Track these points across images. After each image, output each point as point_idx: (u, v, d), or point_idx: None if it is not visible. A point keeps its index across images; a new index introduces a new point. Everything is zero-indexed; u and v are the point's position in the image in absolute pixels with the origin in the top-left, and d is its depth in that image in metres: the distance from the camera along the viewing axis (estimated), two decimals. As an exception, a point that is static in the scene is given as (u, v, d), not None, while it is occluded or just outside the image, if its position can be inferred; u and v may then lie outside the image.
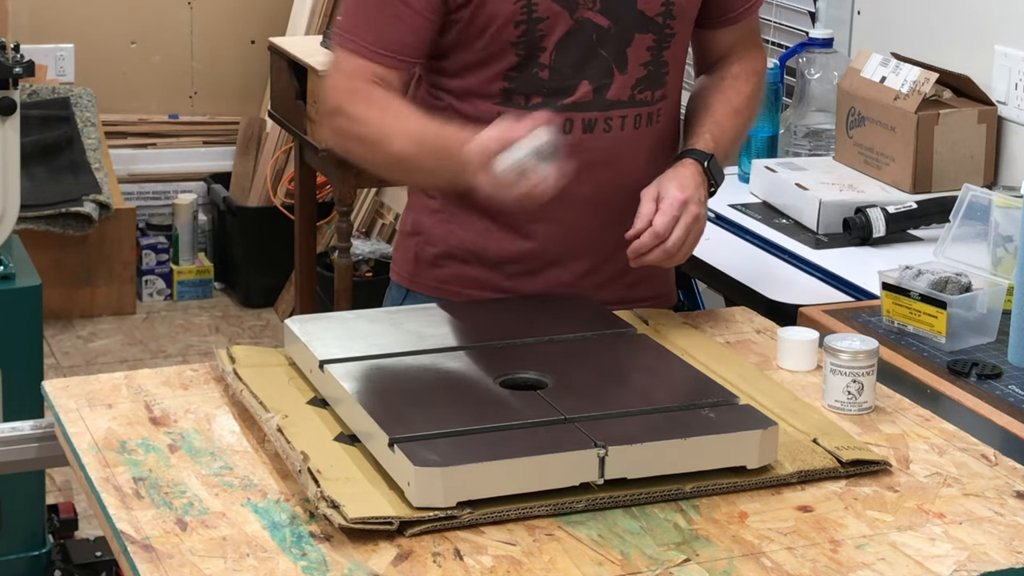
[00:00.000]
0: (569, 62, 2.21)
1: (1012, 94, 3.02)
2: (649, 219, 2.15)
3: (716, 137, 2.28)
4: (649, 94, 2.26)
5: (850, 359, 1.99)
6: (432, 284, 2.34)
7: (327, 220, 5.26)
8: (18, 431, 2.09)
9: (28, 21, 5.46)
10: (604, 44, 2.22)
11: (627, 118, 2.25)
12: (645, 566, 1.62)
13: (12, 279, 3.24)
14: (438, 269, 2.34)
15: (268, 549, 1.65)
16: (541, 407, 1.83)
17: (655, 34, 2.24)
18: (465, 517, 1.68)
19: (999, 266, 2.38)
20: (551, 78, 2.21)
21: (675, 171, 2.21)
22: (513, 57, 2.21)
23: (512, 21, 2.18)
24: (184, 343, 5.15)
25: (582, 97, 2.22)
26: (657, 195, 2.17)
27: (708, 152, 2.25)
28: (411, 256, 2.37)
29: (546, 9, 2.18)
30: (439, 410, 1.84)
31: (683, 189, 2.17)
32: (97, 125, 5.28)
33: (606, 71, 2.23)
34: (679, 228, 2.15)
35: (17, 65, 3.15)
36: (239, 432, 1.93)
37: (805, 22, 3.69)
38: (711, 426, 1.80)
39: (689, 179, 2.19)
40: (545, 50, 2.20)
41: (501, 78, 2.22)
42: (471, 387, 1.91)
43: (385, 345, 2.05)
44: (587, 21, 2.20)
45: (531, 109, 2.20)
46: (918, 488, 1.81)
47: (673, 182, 2.18)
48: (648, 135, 2.28)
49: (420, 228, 2.35)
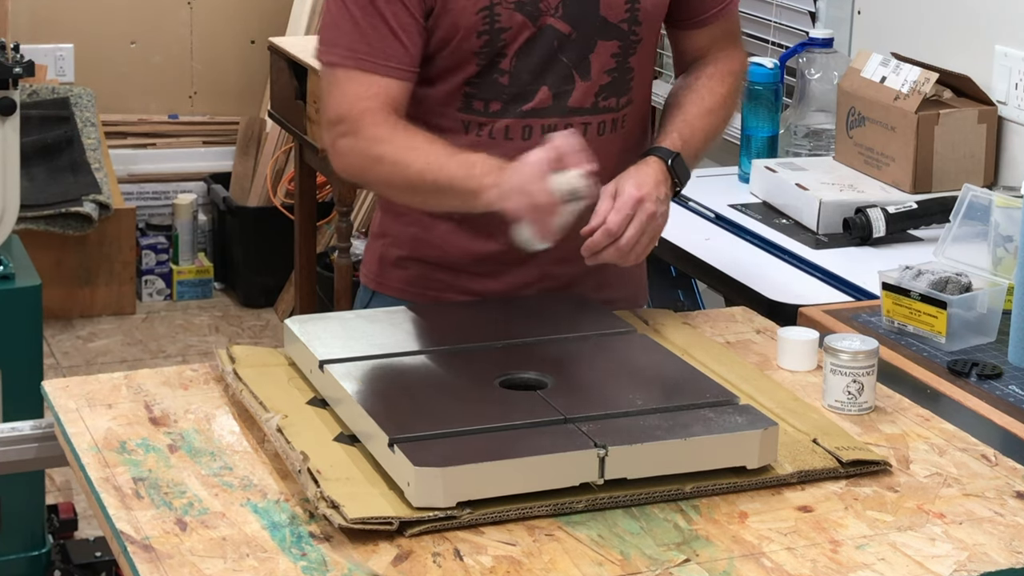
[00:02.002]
0: (528, 68, 2.19)
1: (1012, 94, 3.02)
2: (604, 216, 2.10)
3: (685, 136, 2.24)
4: (614, 100, 2.25)
5: (850, 359, 1.99)
6: (397, 286, 2.33)
7: (327, 220, 5.26)
8: (18, 431, 2.09)
9: (28, 21, 5.46)
10: (565, 51, 2.20)
11: (591, 125, 2.23)
12: (645, 566, 1.62)
13: (12, 279, 3.24)
14: (402, 271, 2.32)
15: (268, 549, 1.65)
16: (541, 407, 1.83)
17: (620, 41, 2.22)
18: (465, 517, 1.68)
19: (999, 266, 2.38)
20: (510, 84, 2.20)
21: (637, 168, 2.18)
22: (474, 66, 2.19)
23: (475, 31, 2.16)
24: (184, 343, 5.15)
25: (540, 103, 2.21)
26: (615, 192, 2.13)
27: (674, 151, 2.21)
28: (377, 257, 2.35)
29: (509, 19, 2.16)
30: (439, 410, 1.84)
31: (640, 187, 2.12)
32: (97, 125, 5.28)
33: (566, 77, 2.21)
34: (633, 227, 2.10)
35: (17, 65, 3.15)
36: (239, 432, 1.93)
37: (805, 22, 3.69)
38: (711, 426, 1.80)
39: (649, 177, 2.15)
40: (506, 56, 2.18)
41: (464, 84, 2.20)
42: (471, 387, 1.91)
43: (385, 345, 2.05)
44: (549, 28, 2.18)
45: (490, 116, 2.20)
46: (918, 488, 1.81)
47: (632, 180, 2.14)
48: (613, 141, 2.26)
49: (386, 230, 2.34)
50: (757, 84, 3.21)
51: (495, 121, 2.21)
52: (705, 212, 3.03)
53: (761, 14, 3.87)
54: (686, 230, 2.92)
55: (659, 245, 2.49)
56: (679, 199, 3.09)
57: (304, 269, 4.68)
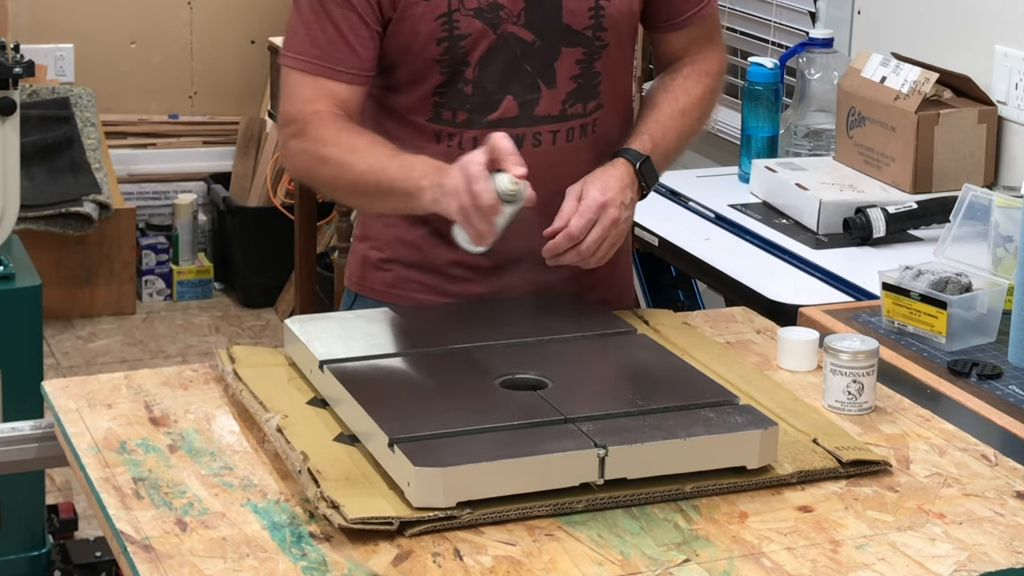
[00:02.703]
0: (492, 78, 2.18)
1: (1012, 94, 3.02)
2: (567, 219, 2.10)
3: (656, 138, 2.23)
4: (581, 107, 2.23)
5: (850, 359, 1.99)
6: (379, 288, 2.32)
7: (327, 220, 5.26)
8: (18, 431, 2.09)
9: (28, 21, 5.46)
10: (529, 59, 2.18)
11: (559, 132, 2.21)
12: (645, 566, 1.62)
13: (12, 279, 3.24)
14: (384, 273, 2.31)
15: (268, 549, 1.65)
16: (541, 407, 1.83)
17: (584, 47, 2.20)
18: (465, 517, 1.68)
19: (999, 266, 2.38)
20: (475, 93, 2.18)
21: (604, 171, 2.16)
22: (439, 74, 2.18)
23: (433, 38, 2.15)
24: (184, 343, 5.15)
25: (506, 112, 2.19)
26: (579, 194, 2.13)
27: (644, 153, 2.20)
28: (359, 260, 2.35)
29: (468, 26, 2.15)
30: (439, 410, 1.84)
31: (605, 191, 2.12)
32: (97, 125, 5.28)
33: (531, 86, 2.19)
34: (595, 231, 2.09)
35: (17, 65, 3.15)
36: (239, 432, 1.93)
37: (805, 22, 3.69)
38: (711, 426, 1.80)
39: (615, 180, 2.14)
40: (469, 65, 2.17)
41: (432, 94, 2.19)
42: (471, 387, 1.91)
43: (385, 345, 2.05)
44: (511, 36, 2.17)
45: (458, 126, 2.19)
46: (918, 488, 1.81)
47: (596, 183, 2.13)
48: (584, 146, 2.24)
49: (368, 233, 2.33)
50: (757, 84, 3.21)
51: (463, 131, 2.20)
52: (705, 212, 3.03)
53: (761, 14, 3.87)
54: (686, 230, 2.92)
55: (659, 245, 2.50)
56: (678, 199, 3.10)
57: (304, 269, 4.68)
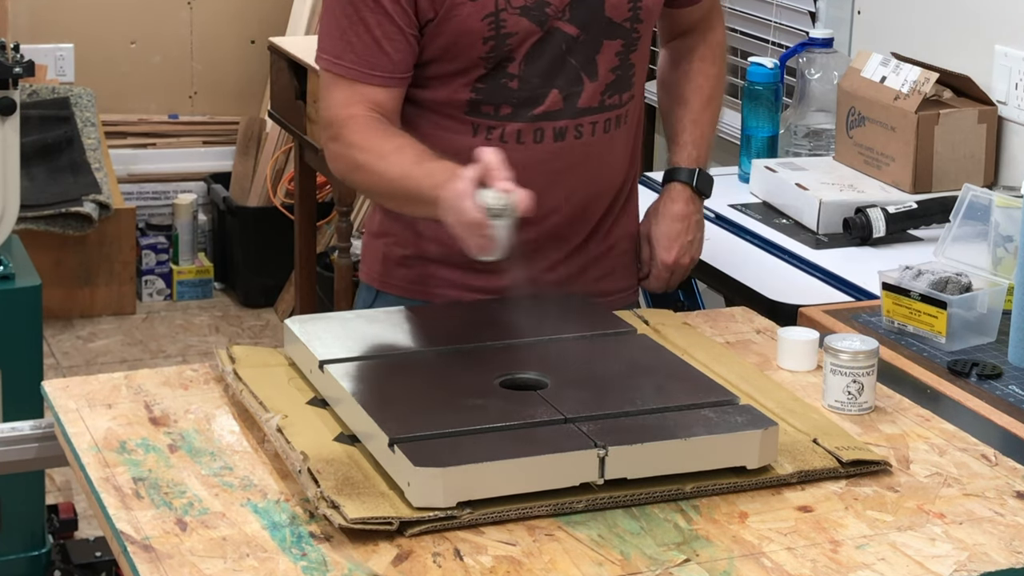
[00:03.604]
0: (538, 72, 2.21)
1: (1012, 94, 3.02)
2: (648, 266, 2.39)
3: (698, 142, 2.38)
4: (618, 98, 2.28)
5: (850, 359, 1.99)
6: (402, 284, 2.34)
7: (327, 220, 5.26)
8: (18, 431, 2.09)
9: (28, 21, 5.46)
10: (573, 53, 2.22)
11: (597, 123, 2.26)
12: (645, 566, 1.62)
13: (12, 279, 3.24)
14: (407, 270, 2.33)
15: (268, 549, 1.65)
16: (541, 407, 1.83)
17: (623, 39, 2.25)
18: (465, 517, 1.68)
19: (999, 266, 2.38)
20: (520, 88, 2.21)
21: (665, 208, 2.36)
22: (481, 69, 2.20)
23: (480, 37, 2.17)
24: (184, 343, 5.15)
25: (552, 106, 2.22)
26: (650, 241, 2.37)
27: (694, 167, 2.37)
28: (379, 257, 2.36)
29: (515, 24, 2.17)
30: (439, 410, 1.84)
31: (670, 247, 2.36)
32: (97, 125, 5.28)
33: (575, 79, 2.23)
34: (675, 280, 2.40)
35: (17, 65, 3.15)
36: (239, 432, 1.93)
37: (805, 22, 3.69)
38: (711, 426, 1.80)
39: (678, 222, 2.36)
40: (514, 60, 2.20)
41: (469, 89, 2.21)
42: (471, 387, 1.91)
43: (385, 345, 2.05)
44: (556, 31, 2.20)
45: (501, 119, 2.21)
46: (918, 488, 1.81)
47: (663, 236, 2.36)
48: (618, 136, 2.30)
49: (388, 229, 2.35)
50: (757, 84, 3.21)
51: (506, 124, 2.22)
52: (705, 212, 3.02)
53: (761, 14, 3.87)
54: (686, 230, 2.91)
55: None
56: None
57: (304, 269, 4.68)
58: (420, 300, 2.30)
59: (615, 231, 2.37)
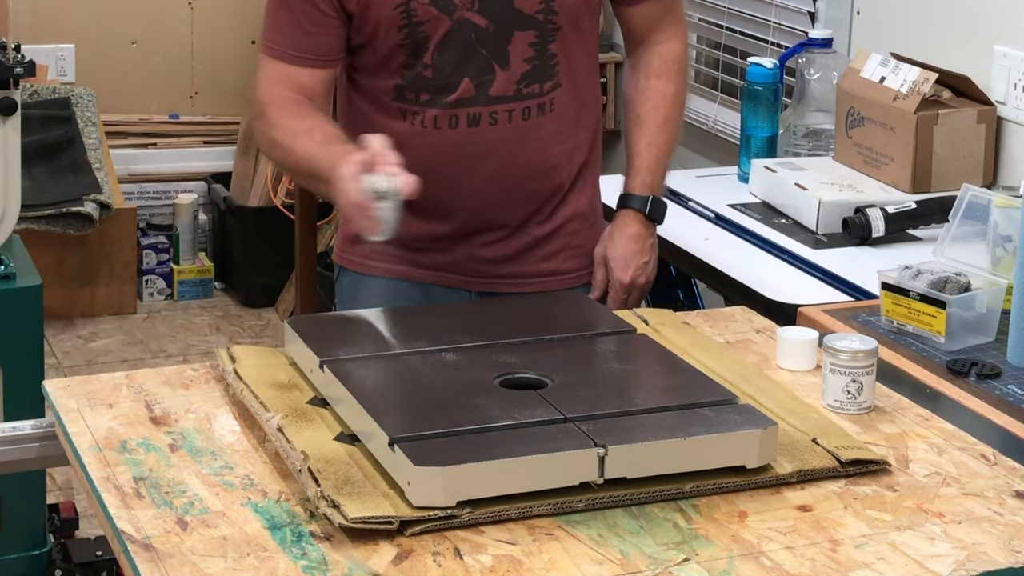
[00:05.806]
0: (450, 61, 2.31)
1: (1012, 94, 3.02)
2: (601, 289, 2.43)
3: (651, 166, 2.42)
4: (537, 87, 2.36)
5: (850, 359, 2.00)
6: (356, 260, 2.49)
7: (327, 220, 5.26)
8: (19, 431, 2.09)
9: (29, 21, 5.46)
10: (483, 43, 2.31)
11: (515, 111, 2.35)
12: (645, 566, 1.63)
13: (13, 279, 3.24)
14: (360, 246, 2.45)
15: (268, 549, 1.65)
16: (541, 407, 1.83)
17: (537, 30, 2.32)
18: (465, 517, 1.68)
19: (998, 266, 2.38)
20: (434, 77, 2.32)
21: (620, 232, 2.41)
22: (402, 56, 2.31)
23: (395, 25, 2.29)
24: (184, 343, 5.15)
25: (464, 94, 2.32)
26: (604, 264, 2.42)
27: (646, 195, 2.41)
28: (341, 234, 2.52)
29: (425, 13, 2.28)
30: (439, 410, 1.84)
31: (626, 267, 2.41)
32: (98, 125, 5.28)
33: (487, 68, 2.32)
34: (632, 300, 2.43)
35: (18, 65, 3.15)
36: (239, 432, 1.93)
37: (805, 22, 3.69)
38: (711, 426, 1.80)
39: (633, 245, 2.41)
40: (428, 50, 2.31)
41: (396, 76, 2.33)
42: (471, 387, 1.91)
43: (385, 345, 2.05)
44: (466, 22, 2.30)
45: (421, 105, 2.33)
46: (917, 488, 1.81)
47: (618, 260, 2.40)
48: (542, 124, 2.37)
49: None
50: (757, 84, 3.22)
51: (425, 111, 2.34)
52: (705, 212, 3.03)
53: (761, 14, 3.87)
54: (686, 230, 2.92)
55: (659, 245, 2.53)
56: (678, 199, 3.10)
57: (304, 269, 4.68)
58: (375, 275, 2.44)
59: (562, 211, 2.45)
